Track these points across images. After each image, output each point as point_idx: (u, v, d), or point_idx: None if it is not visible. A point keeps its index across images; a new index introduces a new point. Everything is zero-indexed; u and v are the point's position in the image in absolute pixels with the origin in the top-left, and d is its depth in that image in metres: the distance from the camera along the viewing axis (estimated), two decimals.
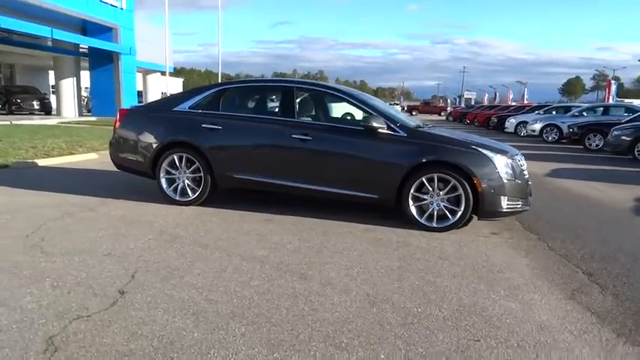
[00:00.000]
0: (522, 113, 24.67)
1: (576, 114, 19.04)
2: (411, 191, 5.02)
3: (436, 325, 2.92)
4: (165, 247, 4.18)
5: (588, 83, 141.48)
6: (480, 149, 4.98)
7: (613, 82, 49.14)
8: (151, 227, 4.78)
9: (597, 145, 15.62)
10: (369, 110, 5.28)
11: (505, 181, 4.92)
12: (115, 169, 7.61)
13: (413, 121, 5.87)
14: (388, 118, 5.17)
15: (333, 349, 2.57)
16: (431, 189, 4.99)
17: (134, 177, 6.66)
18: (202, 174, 5.56)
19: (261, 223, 5.07)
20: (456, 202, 4.97)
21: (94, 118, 22.75)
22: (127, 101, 24.64)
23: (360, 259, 4.07)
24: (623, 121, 14.97)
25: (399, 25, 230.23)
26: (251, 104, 6.02)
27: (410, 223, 5.08)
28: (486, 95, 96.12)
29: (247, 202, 5.95)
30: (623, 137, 12.62)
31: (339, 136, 5.26)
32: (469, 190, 4.87)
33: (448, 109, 62.37)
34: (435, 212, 5.01)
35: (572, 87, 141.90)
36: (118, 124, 6.02)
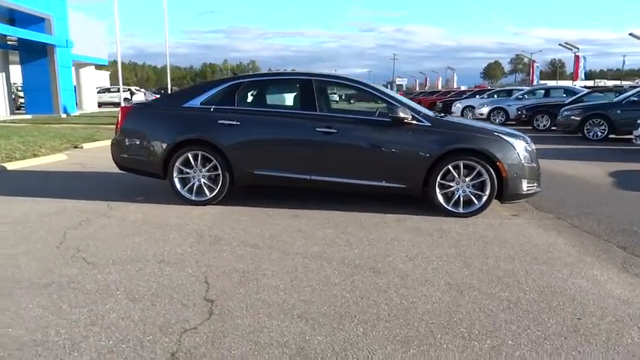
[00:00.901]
0: (465, 98, 25.71)
1: (520, 97, 20.14)
2: (438, 179, 5.13)
3: (533, 307, 3.03)
4: (217, 250, 4.01)
5: (507, 67, 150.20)
6: (502, 135, 5.17)
7: (536, 65, 52.34)
8: (186, 230, 4.57)
9: (544, 126, 16.64)
10: (393, 101, 5.32)
11: (525, 164, 5.14)
12: (94, 170, 7.35)
13: (428, 110, 5.97)
14: (411, 109, 5.24)
15: (460, 341, 2.61)
16: (457, 176, 5.12)
17: (125, 178, 6.38)
18: (220, 171, 5.37)
19: (292, 219, 4.99)
20: (480, 187, 5.14)
21: (29, 117, 21.15)
22: (65, 98, 23.14)
23: (415, 249, 4.12)
24: (566, 102, 16.02)
25: (324, 14, 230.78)
26: (268, 98, 5.86)
27: (436, 209, 5.20)
28: (417, 81, 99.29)
29: (260, 198, 5.82)
30: (572, 117, 13.52)
31: (365, 128, 5.26)
32: (494, 176, 5.05)
33: None
34: (462, 198, 5.16)
35: (492, 71, 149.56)
36: (121, 122, 5.65)
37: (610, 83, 49.31)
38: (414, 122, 5.14)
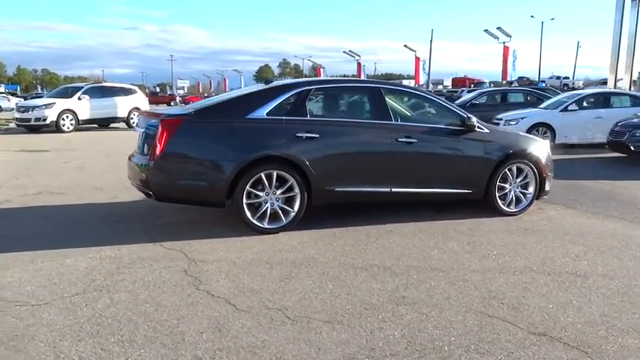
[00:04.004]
0: None
1: None
2: (497, 182, 5.50)
3: None
4: (415, 282, 3.63)
5: (276, 70, 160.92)
6: (537, 139, 5.84)
7: (322, 69, 57.24)
8: (333, 265, 3.95)
9: None
10: (458, 111, 5.48)
11: (551, 163, 5.90)
12: (21, 205, 5.94)
13: None
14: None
15: None
16: (511, 177, 5.57)
17: (77, 210, 5.34)
18: (298, 192, 4.72)
19: (396, 236, 4.73)
20: (524, 187, 5.67)
21: None
22: None
23: (553, 250, 4.40)
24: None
25: (77, 8, 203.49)
26: (340, 107, 5.31)
27: (494, 210, 5.54)
28: (200, 83, 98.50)
29: (313, 218, 5.29)
30: None
31: (441, 137, 5.30)
32: (537, 174, 5.65)
33: (177, 98, 61.80)
34: (514, 198, 5.62)
35: (263, 74, 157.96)
36: (166, 140, 4.43)
37: None
38: (478, 130, 5.40)
